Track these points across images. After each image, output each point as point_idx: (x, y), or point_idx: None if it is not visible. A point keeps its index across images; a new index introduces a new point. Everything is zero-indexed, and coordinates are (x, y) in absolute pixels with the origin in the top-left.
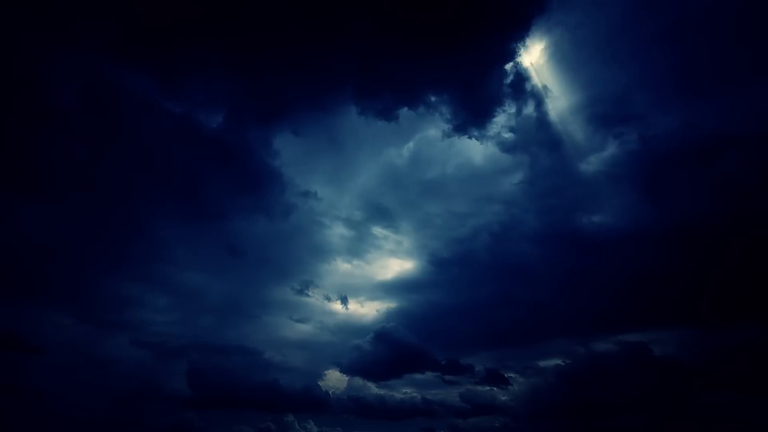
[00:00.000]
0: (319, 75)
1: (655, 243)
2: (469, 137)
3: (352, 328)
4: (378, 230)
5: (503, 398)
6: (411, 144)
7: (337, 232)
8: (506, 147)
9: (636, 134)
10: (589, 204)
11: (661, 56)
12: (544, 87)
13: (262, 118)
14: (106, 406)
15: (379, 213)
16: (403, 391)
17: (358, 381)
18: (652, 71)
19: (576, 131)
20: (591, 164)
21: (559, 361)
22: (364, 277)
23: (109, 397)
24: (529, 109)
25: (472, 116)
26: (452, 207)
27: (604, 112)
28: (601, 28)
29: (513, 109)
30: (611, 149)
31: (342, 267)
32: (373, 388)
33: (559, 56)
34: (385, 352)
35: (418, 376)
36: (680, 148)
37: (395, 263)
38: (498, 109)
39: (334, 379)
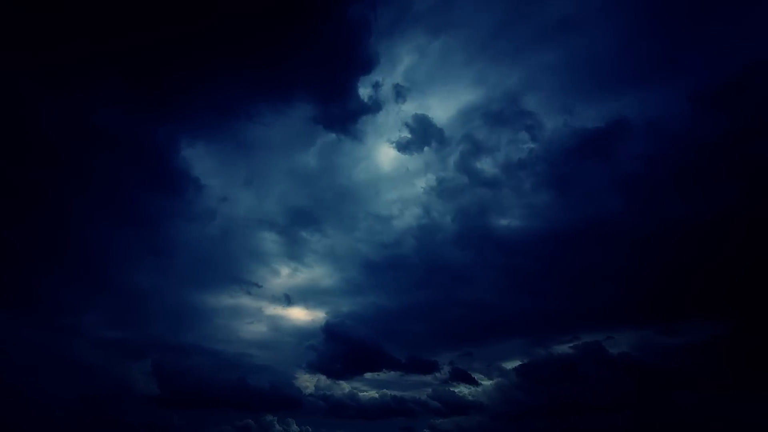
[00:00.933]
0: (219, 78)
1: (570, 241)
2: (354, 138)
3: (305, 331)
4: (306, 234)
5: (471, 398)
6: (315, 148)
7: (268, 237)
8: (405, 149)
9: (530, 133)
10: (497, 205)
11: (549, 54)
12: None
13: (169, 121)
14: (80, 407)
15: (303, 217)
16: (376, 390)
17: (328, 381)
18: (540, 69)
19: (473, 131)
20: (491, 164)
21: (519, 361)
22: (306, 280)
23: (81, 398)
24: (417, 110)
25: (341, 119)
26: (371, 210)
27: (498, 111)
28: (485, 27)
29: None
30: (507, 149)
31: (282, 271)
32: (345, 388)
33: (442, 57)
34: (341, 349)
35: (381, 375)
36: (575, 144)
37: (333, 267)
38: (368, 113)
39: (304, 379)
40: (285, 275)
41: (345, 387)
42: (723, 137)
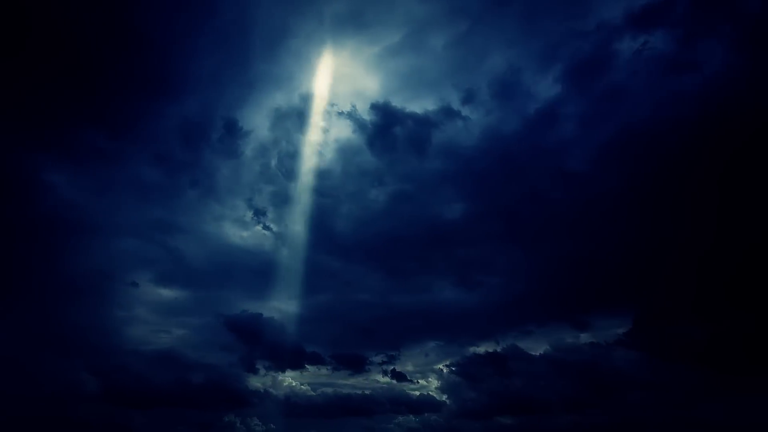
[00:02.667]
0: None
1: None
2: None
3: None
4: None
5: (417, 396)
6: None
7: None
8: None
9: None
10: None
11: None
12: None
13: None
14: (33, 406)
15: None
16: (329, 388)
17: (274, 376)
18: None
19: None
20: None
21: (449, 361)
22: None
23: (33, 398)
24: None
25: None
26: None
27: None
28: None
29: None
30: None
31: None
32: (293, 384)
33: None
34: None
35: (316, 372)
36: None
37: None
38: None
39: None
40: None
41: (293, 384)
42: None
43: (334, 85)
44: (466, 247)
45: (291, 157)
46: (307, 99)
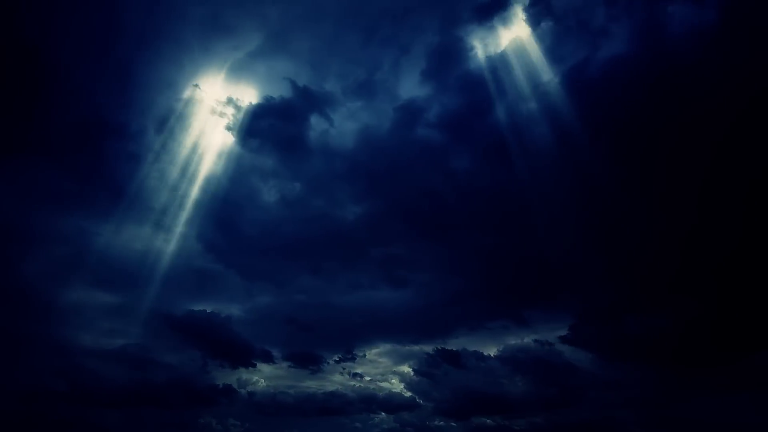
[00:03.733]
0: None
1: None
2: None
3: None
4: None
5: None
6: None
7: None
8: None
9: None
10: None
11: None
12: None
13: None
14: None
15: None
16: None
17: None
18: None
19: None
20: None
21: (409, 362)
22: None
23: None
24: None
25: None
26: None
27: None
28: None
29: None
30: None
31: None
32: (262, 383)
33: None
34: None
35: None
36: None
37: None
38: None
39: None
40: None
41: (261, 382)
42: None
43: (211, 89)
44: (379, 246)
45: (179, 161)
46: (188, 103)
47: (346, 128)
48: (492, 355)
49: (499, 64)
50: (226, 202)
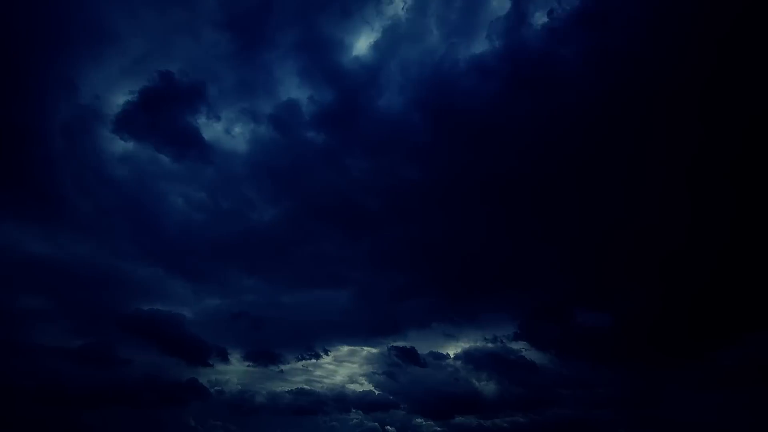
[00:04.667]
0: None
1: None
2: None
3: None
4: None
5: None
6: None
7: None
8: None
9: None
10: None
11: None
12: None
13: None
14: None
15: None
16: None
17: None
18: None
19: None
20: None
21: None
22: None
23: None
24: None
25: None
26: None
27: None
28: None
29: None
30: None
31: None
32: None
33: None
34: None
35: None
36: None
37: None
38: None
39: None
40: None
41: (234, 381)
42: None
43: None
44: (303, 245)
45: (85, 166)
46: (87, 109)
47: (239, 131)
48: (451, 354)
49: (373, 58)
50: (142, 206)
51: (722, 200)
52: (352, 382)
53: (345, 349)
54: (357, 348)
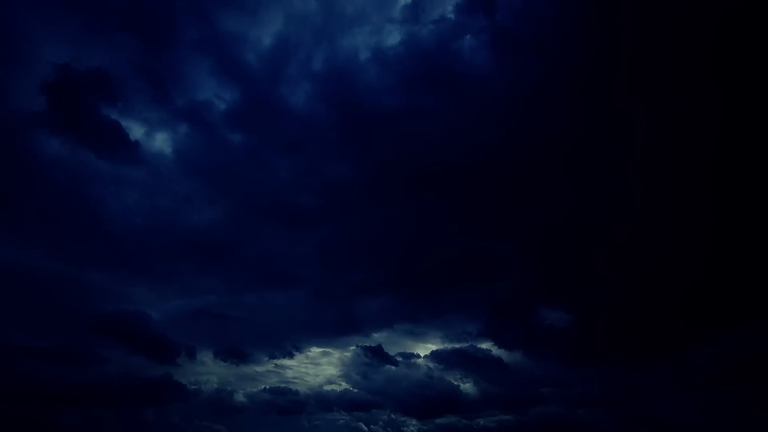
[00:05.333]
0: None
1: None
2: None
3: None
4: None
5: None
6: None
7: None
8: None
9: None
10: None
11: None
12: None
13: None
14: None
15: None
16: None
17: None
18: None
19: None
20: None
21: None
22: None
23: None
24: None
25: None
26: None
27: None
28: None
29: None
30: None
31: None
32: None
33: None
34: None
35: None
36: None
37: None
38: None
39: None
40: None
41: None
42: None
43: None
44: (250, 244)
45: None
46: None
47: (161, 134)
48: (420, 354)
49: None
50: (80, 209)
51: (700, 196)
52: (330, 382)
53: (316, 349)
54: (327, 348)
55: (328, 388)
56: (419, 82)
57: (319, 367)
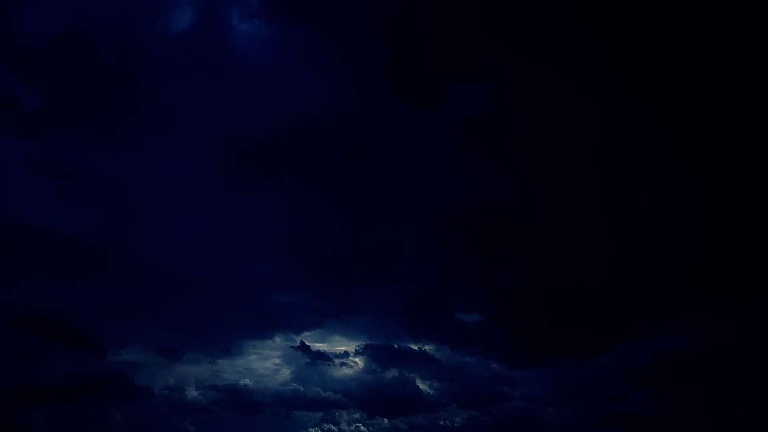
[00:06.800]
0: None
1: None
2: None
3: None
4: None
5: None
6: None
7: None
8: None
9: None
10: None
11: None
12: None
13: None
14: None
15: None
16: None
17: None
18: None
19: None
20: None
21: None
22: None
23: None
24: None
25: None
26: None
27: None
28: None
29: None
30: None
31: None
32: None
33: None
34: None
35: None
36: None
37: None
38: None
39: None
40: None
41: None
42: None
43: None
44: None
45: None
46: None
47: None
48: (350, 351)
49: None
50: None
51: (631, 183)
52: (275, 381)
53: (253, 347)
54: (261, 349)
55: (273, 386)
56: None
57: (262, 366)
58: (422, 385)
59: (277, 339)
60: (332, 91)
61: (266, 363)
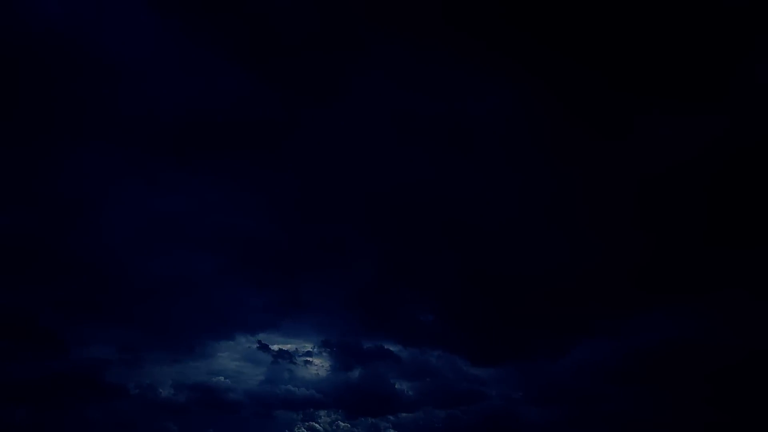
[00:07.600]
0: None
1: None
2: None
3: None
4: None
5: None
6: None
7: None
8: None
9: None
10: None
11: None
12: None
13: None
14: None
15: None
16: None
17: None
18: None
19: None
20: None
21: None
22: None
23: None
24: None
25: None
26: None
27: None
28: None
29: None
30: None
31: None
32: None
33: None
34: None
35: None
36: None
37: None
38: None
39: None
40: None
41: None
42: None
43: None
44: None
45: None
46: None
47: None
48: (312, 350)
49: None
50: None
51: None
52: (254, 382)
53: (214, 345)
54: (225, 350)
55: (245, 386)
56: None
57: (229, 366)
58: (398, 385)
59: (239, 339)
60: (225, 82)
61: (232, 364)
